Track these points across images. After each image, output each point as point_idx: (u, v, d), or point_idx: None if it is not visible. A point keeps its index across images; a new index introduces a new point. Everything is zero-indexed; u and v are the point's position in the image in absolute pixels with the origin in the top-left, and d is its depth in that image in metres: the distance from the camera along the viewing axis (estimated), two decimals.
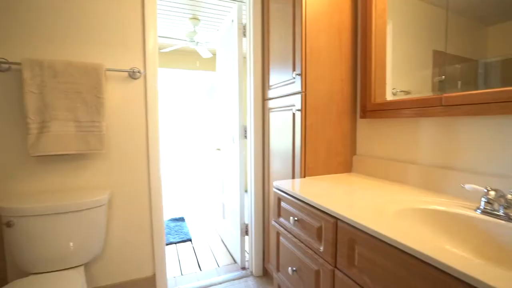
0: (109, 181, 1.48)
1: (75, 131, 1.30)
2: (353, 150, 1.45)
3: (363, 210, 0.83)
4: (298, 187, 1.15)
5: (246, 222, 1.99)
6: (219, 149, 2.39)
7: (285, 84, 1.47)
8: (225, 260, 2.16)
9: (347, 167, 1.44)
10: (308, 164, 1.34)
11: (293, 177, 1.41)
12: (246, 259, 2.05)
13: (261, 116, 1.80)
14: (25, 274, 1.35)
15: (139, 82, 1.50)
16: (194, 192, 4.37)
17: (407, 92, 1.16)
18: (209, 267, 2.06)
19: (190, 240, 2.54)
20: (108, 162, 1.47)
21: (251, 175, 1.85)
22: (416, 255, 0.58)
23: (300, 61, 1.30)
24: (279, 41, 1.52)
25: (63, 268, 1.29)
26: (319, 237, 0.93)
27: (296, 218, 1.05)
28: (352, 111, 1.43)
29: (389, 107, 1.19)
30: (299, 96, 1.32)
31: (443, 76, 1.00)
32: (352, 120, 1.43)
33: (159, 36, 3.35)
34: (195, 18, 2.86)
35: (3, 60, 1.24)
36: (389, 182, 1.19)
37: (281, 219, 1.19)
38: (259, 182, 1.84)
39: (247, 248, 2.08)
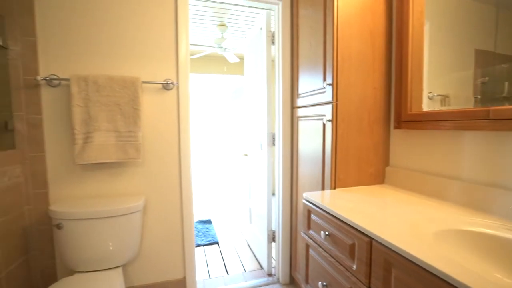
0: (144, 187, 1.56)
1: (115, 141, 1.39)
2: (385, 161, 1.39)
3: (399, 230, 0.80)
4: (328, 199, 1.13)
5: (273, 229, 1.99)
6: (246, 155, 2.42)
7: (315, 93, 1.45)
8: (251, 265, 2.18)
9: (379, 179, 1.39)
10: (338, 175, 1.32)
11: (323, 188, 1.39)
12: (273, 266, 2.05)
13: (290, 124, 1.79)
14: (71, 272, 1.46)
15: (172, 93, 1.56)
16: (221, 195, 4.46)
17: (445, 96, 1.10)
18: (235, 271, 2.09)
19: (217, 243, 2.59)
20: (143, 169, 1.55)
21: (279, 183, 1.85)
22: None
23: (331, 70, 1.27)
24: (309, 49, 1.51)
25: (104, 268, 1.38)
26: (351, 254, 0.91)
27: (327, 233, 1.04)
28: (385, 120, 1.37)
29: (427, 118, 1.12)
30: (329, 106, 1.30)
31: (487, 78, 0.92)
32: (385, 130, 1.38)
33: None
34: (222, 25, 2.92)
35: (55, 77, 1.36)
36: (425, 197, 1.13)
37: (311, 232, 1.18)
38: (287, 190, 1.83)
39: (273, 254, 2.08)
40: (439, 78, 1.11)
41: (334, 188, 1.31)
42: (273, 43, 1.87)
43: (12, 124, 1.35)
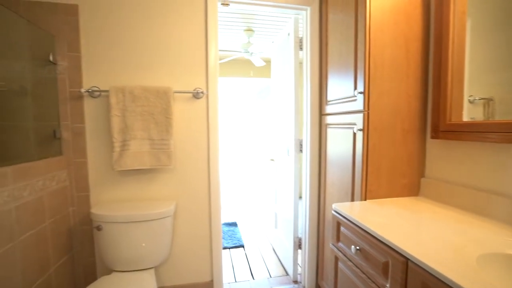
0: (174, 191, 1.63)
1: (149, 149, 1.46)
2: (420, 172, 1.32)
3: (438, 250, 0.75)
4: (359, 212, 1.10)
5: (300, 236, 1.98)
6: (272, 160, 2.42)
7: (344, 101, 1.42)
8: (277, 270, 2.18)
9: (413, 191, 1.32)
10: (369, 186, 1.27)
11: (352, 199, 1.35)
12: (299, 273, 2.04)
13: (318, 132, 1.77)
14: (109, 270, 1.56)
15: (201, 101, 1.61)
16: (246, 198, 4.50)
17: (489, 100, 1.01)
18: (261, 276, 2.10)
19: (242, 246, 2.63)
20: (174, 175, 1.62)
21: (306, 190, 1.83)
22: None
23: (362, 78, 1.24)
24: (338, 56, 1.48)
25: (138, 269, 1.46)
26: (385, 273, 0.87)
27: (358, 247, 1.01)
28: (421, 129, 1.30)
29: (469, 129, 1.05)
30: (360, 115, 1.26)
31: None
32: (420, 139, 1.31)
33: None
34: (249, 30, 2.94)
35: (96, 89, 1.47)
36: (465, 213, 1.06)
37: (340, 244, 1.15)
38: (314, 198, 1.81)
39: (299, 261, 2.07)
40: (481, 80, 1.03)
41: (365, 200, 1.27)
42: (301, 48, 1.86)
43: (60, 133, 1.47)
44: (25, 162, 1.21)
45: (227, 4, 1.67)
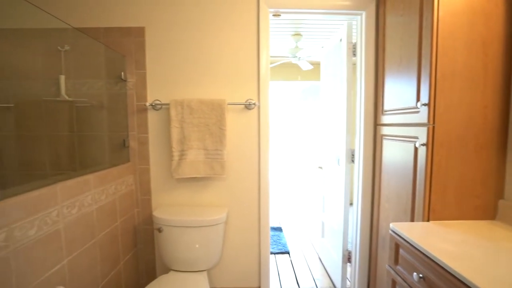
0: (226, 198, 1.70)
1: (204, 158, 1.55)
2: (498, 193, 1.16)
3: None
4: (422, 235, 1.01)
5: (349, 249, 1.90)
6: (320, 167, 2.37)
7: (405, 112, 1.32)
8: (324, 282, 2.13)
9: (488, 213, 1.17)
10: (433, 205, 1.16)
11: (412, 218, 1.25)
12: (347, 287, 1.95)
13: (372, 142, 1.67)
14: (167, 268, 1.70)
15: (253, 112, 1.65)
16: (291, 203, 4.47)
17: None
18: (307, 286, 2.07)
19: (288, 253, 2.62)
20: (226, 183, 1.69)
21: (358, 203, 1.74)
22: None
23: (427, 89, 1.13)
24: (398, 62, 1.38)
25: (193, 270, 1.57)
26: None
27: (421, 275, 0.93)
28: (499, 145, 1.14)
29: None
30: (424, 128, 1.16)
31: None
32: (499, 156, 1.15)
33: None
34: (297, 34, 2.92)
35: (158, 102, 1.61)
36: None
37: (399, 268, 1.08)
38: (367, 212, 1.72)
39: (348, 274, 1.98)
40: None
41: (428, 220, 1.17)
42: (354, 55, 1.78)
43: (128, 142, 1.65)
44: (103, 170, 1.38)
45: (278, 15, 1.68)
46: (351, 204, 1.82)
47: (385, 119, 1.53)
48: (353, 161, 1.83)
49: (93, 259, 1.29)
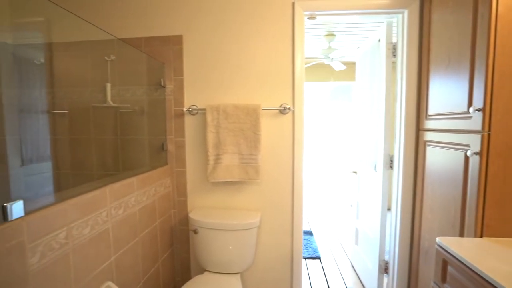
0: (259, 202, 1.71)
1: (239, 163, 1.58)
2: None
3: None
4: (476, 254, 0.93)
5: (386, 259, 1.81)
6: (355, 172, 2.29)
7: (453, 117, 1.22)
8: None
9: None
10: (488, 220, 1.06)
11: (461, 233, 1.15)
12: None
13: (414, 149, 1.58)
14: (201, 269, 1.75)
15: (287, 116, 1.64)
16: (322, 207, 4.37)
17: None
18: None
19: (319, 258, 2.57)
20: (259, 186, 1.70)
21: (397, 212, 1.65)
22: None
23: (482, 93, 1.04)
24: (445, 64, 1.28)
25: (226, 272, 1.60)
26: None
27: None
28: None
29: None
30: (477, 136, 1.06)
31: None
32: None
33: None
34: (330, 35, 2.84)
35: (195, 107, 1.67)
36: None
37: (447, 286, 1.00)
38: (407, 222, 1.62)
39: (384, 285, 1.89)
40: None
41: (480, 236, 1.07)
42: (394, 55, 1.69)
43: (166, 145, 1.73)
44: (145, 172, 1.46)
45: (314, 18, 1.65)
46: (388, 209, 1.74)
47: (429, 124, 1.43)
48: (391, 167, 1.74)
49: (136, 257, 1.37)
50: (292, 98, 1.63)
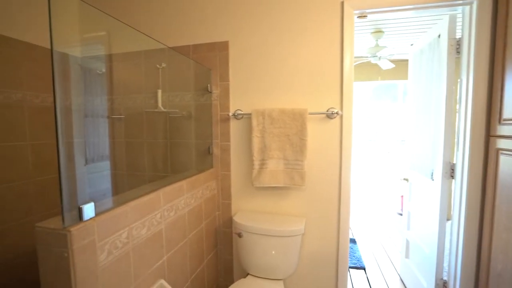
0: (304, 209, 1.67)
1: (284, 168, 1.55)
2: None
3: None
4: None
5: (444, 278, 1.64)
6: (406, 180, 2.11)
7: None
8: None
9: None
10: None
11: None
12: None
13: (482, 157, 1.40)
14: (243, 271, 1.77)
15: (335, 121, 1.57)
16: (366, 214, 4.14)
17: None
18: None
19: (363, 268, 2.43)
20: (304, 192, 1.66)
21: (459, 228, 1.48)
22: None
23: None
24: None
25: (269, 277, 1.59)
26: None
27: None
28: None
29: None
30: None
31: None
32: None
33: None
34: (378, 32, 2.67)
35: (240, 112, 1.69)
36: None
37: None
38: (471, 240, 1.44)
39: None
40: None
41: None
42: (457, 52, 1.52)
43: (212, 149, 1.78)
44: (193, 176, 1.52)
45: (364, 16, 1.56)
46: (449, 219, 1.57)
47: (503, 129, 1.25)
48: (452, 176, 1.57)
49: (184, 257, 1.42)
50: (340, 102, 1.56)
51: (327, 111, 1.56)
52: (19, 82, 1.57)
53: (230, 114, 1.71)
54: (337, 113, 1.53)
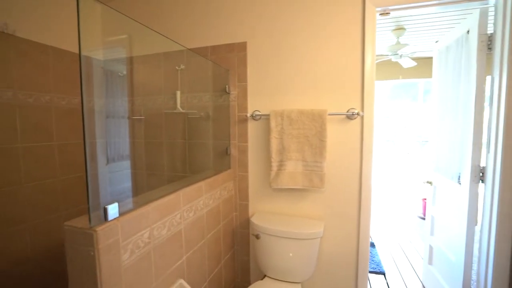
0: (323, 211, 1.64)
1: (302, 170, 1.53)
2: None
3: None
4: None
5: (472, 287, 1.55)
6: (430, 183, 2.02)
7: None
8: None
9: None
10: None
11: None
12: None
13: None
14: (260, 272, 1.76)
15: (355, 122, 1.53)
16: (385, 217, 4.02)
17: None
18: None
19: (383, 273, 2.36)
20: (323, 194, 1.63)
21: (490, 236, 1.40)
22: None
23: None
24: None
25: (286, 280, 1.57)
26: None
27: None
28: None
29: None
30: None
31: None
32: None
33: None
34: (400, 29, 2.58)
35: (258, 113, 1.68)
36: None
37: None
38: (505, 248, 1.36)
39: None
40: None
41: None
42: (489, 48, 1.43)
43: (229, 150, 1.78)
44: (211, 177, 1.53)
45: (387, 13, 1.51)
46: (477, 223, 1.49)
47: None
48: (482, 180, 1.49)
49: (203, 257, 1.43)
50: (360, 103, 1.51)
51: (348, 111, 1.52)
52: (47, 85, 1.64)
53: (248, 115, 1.70)
54: (358, 113, 1.48)
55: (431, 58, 3.71)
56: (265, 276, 1.65)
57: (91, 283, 0.81)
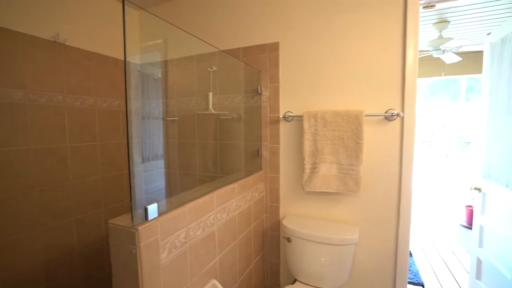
0: (357, 216, 1.56)
1: (337, 173, 1.47)
2: None
3: None
4: None
5: None
6: (478, 189, 1.85)
7: None
8: None
9: None
10: None
11: None
12: None
13: None
14: (291, 275, 1.73)
15: (394, 123, 1.44)
16: (422, 224, 3.77)
17: None
18: None
19: (422, 285, 2.20)
20: (358, 199, 1.55)
21: None
22: None
23: None
24: None
25: (318, 286, 1.52)
26: None
27: None
28: None
29: None
30: None
31: None
32: None
33: None
34: (443, 22, 2.39)
35: (290, 114, 1.65)
36: None
37: None
38: None
39: None
40: None
41: None
42: None
43: (261, 151, 1.77)
44: (243, 178, 1.53)
45: (432, 6, 1.40)
46: None
47: None
48: None
49: (234, 258, 1.44)
50: (401, 103, 1.42)
51: (386, 112, 1.43)
52: (91, 88, 1.76)
53: (280, 116, 1.68)
54: (397, 114, 1.39)
55: (476, 52, 3.41)
56: (295, 280, 1.61)
57: (133, 279, 0.84)
